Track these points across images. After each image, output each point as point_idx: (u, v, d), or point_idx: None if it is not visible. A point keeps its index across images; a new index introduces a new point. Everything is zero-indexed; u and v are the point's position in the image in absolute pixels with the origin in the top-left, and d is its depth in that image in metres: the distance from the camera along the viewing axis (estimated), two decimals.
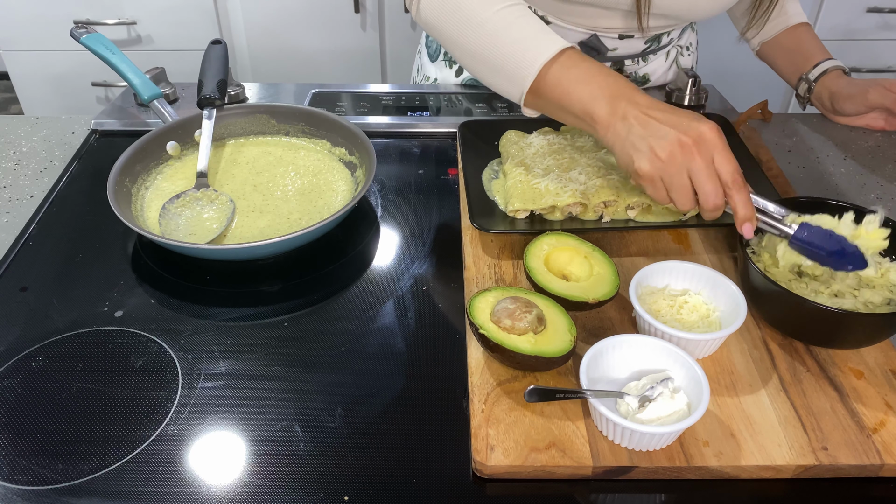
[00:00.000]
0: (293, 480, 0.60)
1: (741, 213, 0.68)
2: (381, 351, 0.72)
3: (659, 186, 0.69)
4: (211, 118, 0.95)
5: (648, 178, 0.69)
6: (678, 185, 0.68)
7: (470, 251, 0.81)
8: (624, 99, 0.70)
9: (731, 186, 0.67)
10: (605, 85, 0.72)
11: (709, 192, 0.67)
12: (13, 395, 0.67)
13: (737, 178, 0.67)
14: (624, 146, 0.70)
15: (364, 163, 0.91)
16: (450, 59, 1.16)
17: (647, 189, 0.70)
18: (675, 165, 0.67)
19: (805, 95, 1.10)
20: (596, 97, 0.72)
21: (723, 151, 0.67)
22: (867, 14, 1.95)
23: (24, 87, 2.11)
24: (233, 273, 0.82)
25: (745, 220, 0.68)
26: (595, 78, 0.73)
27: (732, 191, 0.67)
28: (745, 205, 0.67)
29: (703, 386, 0.60)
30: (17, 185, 0.96)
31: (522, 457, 0.59)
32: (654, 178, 0.68)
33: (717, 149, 0.67)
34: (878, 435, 0.62)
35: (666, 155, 0.67)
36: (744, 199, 0.67)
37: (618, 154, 0.71)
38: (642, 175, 0.69)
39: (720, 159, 0.67)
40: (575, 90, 0.73)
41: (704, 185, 0.67)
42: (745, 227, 0.68)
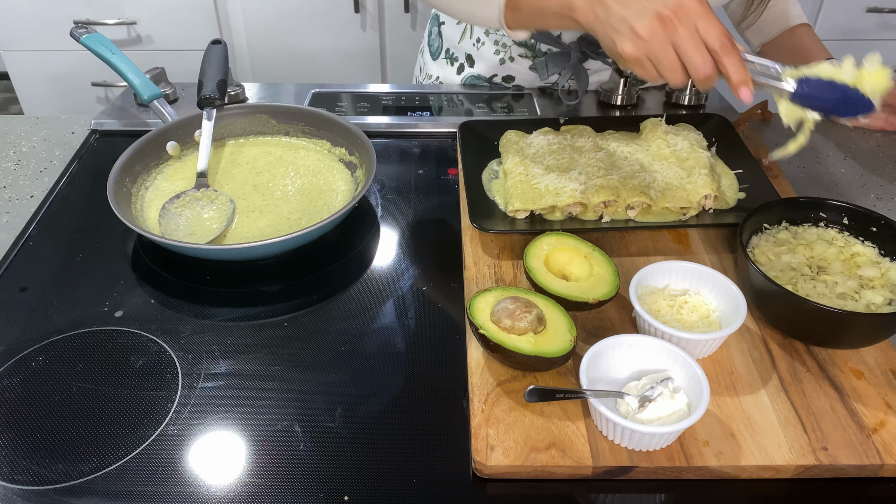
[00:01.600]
0: (293, 480, 0.60)
1: (735, 78, 0.64)
2: (381, 351, 0.72)
3: (647, 66, 0.66)
4: (211, 118, 0.95)
5: (634, 60, 0.66)
6: (666, 62, 0.64)
7: (470, 251, 0.81)
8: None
9: (719, 52, 0.63)
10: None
11: (697, 63, 0.63)
12: (13, 395, 0.67)
13: (725, 43, 0.63)
14: (606, 30, 0.67)
15: (364, 163, 0.91)
16: (451, 57, 1.16)
17: (635, 71, 0.67)
18: (658, 42, 0.64)
19: None
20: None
21: (706, 17, 0.63)
22: (867, 14, 1.95)
23: (24, 87, 2.11)
24: (233, 273, 0.82)
25: (740, 84, 0.64)
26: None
27: (722, 56, 0.63)
28: (738, 68, 0.64)
29: (703, 386, 0.60)
30: (17, 185, 0.96)
31: (522, 457, 0.59)
32: (640, 59, 0.65)
33: (700, 15, 0.63)
34: (878, 435, 0.62)
35: (647, 33, 0.64)
36: (735, 62, 0.63)
37: (601, 39, 0.69)
38: (627, 58, 0.66)
39: (704, 25, 0.63)
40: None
41: (692, 56, 0.63)
42: (742, 92, 0.64)
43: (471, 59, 1.14)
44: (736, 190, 0.87)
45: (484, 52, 1.12)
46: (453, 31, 1.15)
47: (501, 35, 1.09)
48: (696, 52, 0.63)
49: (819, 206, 0.78)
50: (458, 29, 1.14)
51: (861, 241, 0.76)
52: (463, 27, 1.14)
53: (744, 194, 0.87)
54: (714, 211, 0.84)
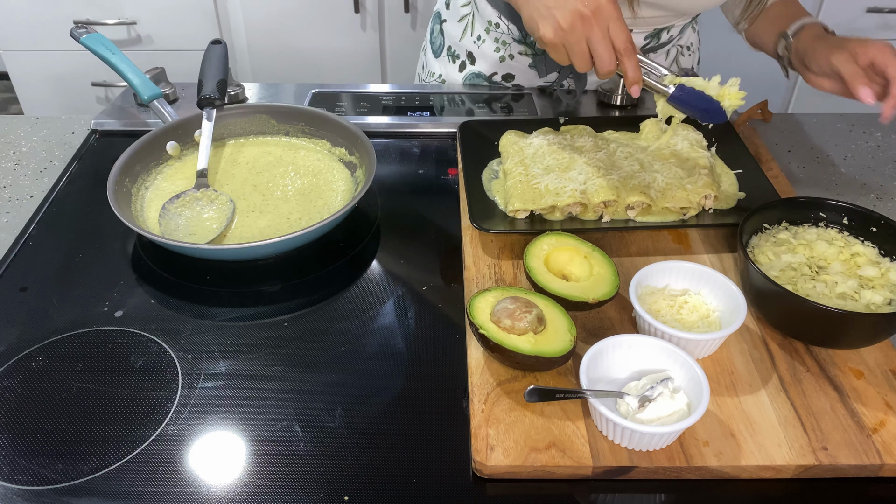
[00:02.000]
0: (293, 480, 0.60)
1: (630, 76, 0.75)
2: (381, 351, 0.72)
3: (560, 51, 0.76)
4: (211, 118, 0.95)
5: (551, 45, 0.75)
6: (577, 52, 0.74)
7: (470, 251, 0.81)
8: None
9: (622, 53, 0.74)
10: None
11: (604, 59, 0.74)
12: (13, 395, 0.67)
13: (628, 47, 0.74)
14: (531, 12, 0.76)
15: (364, 163, 0.91)
16: (453, 55, 1.17)
17: (549, 53, 0.77)
18: (574, 34, 0.73)
19: (784, 54, 1.02)
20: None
21: (617, 21, 0.73)
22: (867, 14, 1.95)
23: (24, 87, 2.11)
24: (233, 273, 0.82)
25: (633, 82, 0.76)
26: None
27: (624, 57, 0.74)
28: (634, 69, 0.75)
29: (703, 386, 0.60)
30: (17, 185, 0.96)
31: (522, 457, 0.59)
32: (556, 45, 0.75)
33: (613, 19, 0.73)
34: (878, 435, 0.62)
35: (567, 25, 0.73)
36: (633, 64, 0.75)
37: (524, 18, 0.77)
38: (546, 41, 0.75)
39: (615, 28, 0.73)
40: None
41: (600, 52, 0.74)
42: (633, 89, 0.76)
43: (471, 57, 1.14)
44: (736, 190, 0.87)
45: (484, 49, 1.12)
46: (455, 28, 1.15)
47: (502, 33, 1.09)
48: (604, 50, 0.74)
49: (819, 206, 0.78)
50: (459, 26, 1.14)
51: (861, 241, 0.76)
52: (464, 25, 1.14)
53: (744, 194, 0.87)
54: (714, 211, 0.84)
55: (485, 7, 1.09)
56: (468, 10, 1.13)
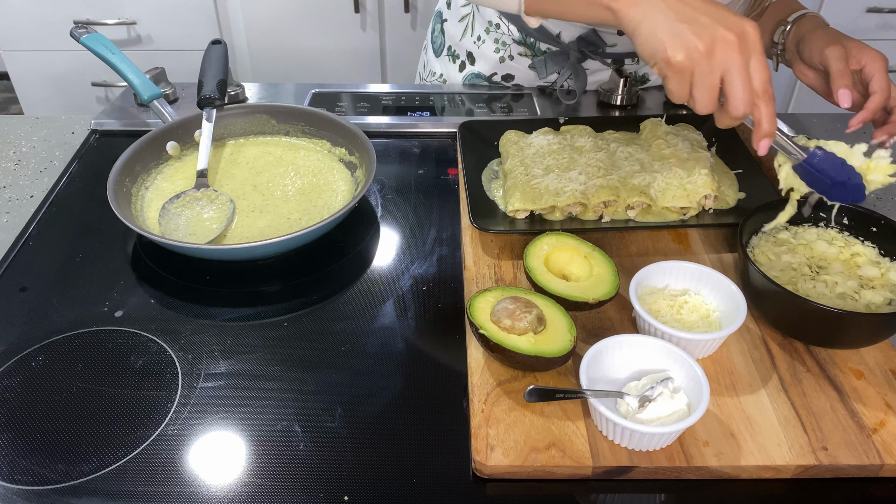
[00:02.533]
0: (293, 480, 0.60)
1: (766, 127, 0.63)
2: (381, 351, 0.72)
3: (686, 81, 0.62)
4: (211, 118, 0.95)
5: (679, 70, 0.62)
6: (707, 84, 0.61)
7: (470, 251, 0.81)
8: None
9: (761, 96, 0.62)
10: None
11: (740, 98, 0.61)
12: (13, 395, 0.67)
13: (768, 89, 0.61)
14: (654, 30, 0.62)
15: (364, 163, 0.91)
16: (453, 54, 1.17)
17: (670, 81, 0.63)
18: (712, 61, 0.60)
19: (780, 40, 0.96)
20: None
21: (761, 56, 0.61)
22: (867, 14, 1.95)
23: (24, 87, 2.11)
24: (233, 273, 0.82)
25: (766, 135, 0.63)
26: None
27: (762, 101, 0.62)
28: (771, 118, 0.63)
29: (703, 386, 0.60)
30: (17, 185, 0.96)
31: (522, 457, 0.59)
32: (685, 71, 0.62)
33: (757, 52, 0.61)
34: (878, 435, 0.62)
35: (705, 47, 0.60)
36: (771, 111, 0.62)
37: (644, 37, 0.63)
38: (674, 65, 0.61)
39: (757, 64, 0.61)
40: None
41: (738, 89, 0.61)
42: (762, 143, 0.64)
43: (471, 57, 1.14)
44: (736, 190, 0.87)
45: (484, 49, 1.12)
46: (455, 28, 1.15)
47: (501, 33, 1.09)
48: (742, 87, 0.61)
49: (819, 206, 0.78)
50: (459, 26, 1.15)
51: (861, 241, 0.76)
52: (464, 25, 1.14)
53: (744, 194, 0.87)
54: (714, 211, 0.84)
55: (485, 7, 1.09)
56: (469, 10, 1.13)
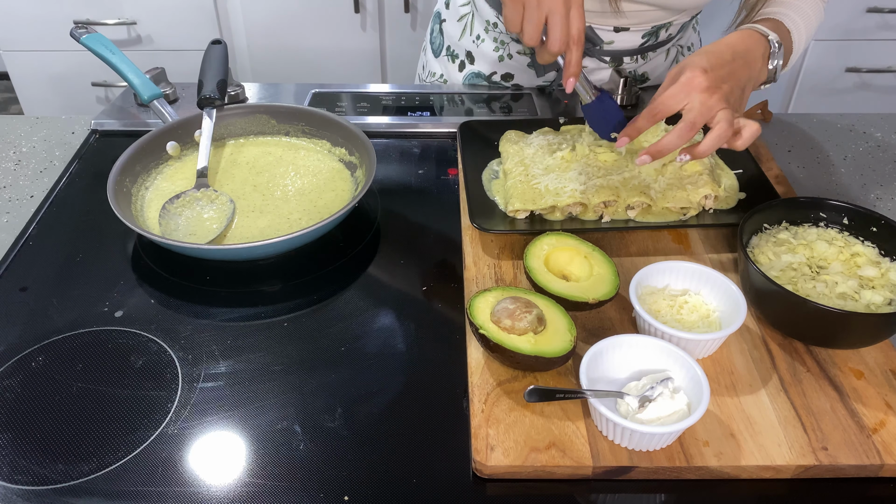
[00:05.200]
0: (293, 480, 0.60)
1: (572, 68, 0.75)
2: (381, 351, 0.72)
3: (519, 12, 0.73)
4: (211, 118, 0.95)
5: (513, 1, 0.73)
6: (534, 19, 0.73)
7: (470, 251, 0.81)
8: None
9: (575, 41, 0.73)
10: None
11: (557, 38, 0.73)
12: (13, 395, 0.67)
13: (582, 37, 0.73)
14: None
15: (364, 163, 0.91)
16: (452, 54, 1.17)
17: (505, 11, 0.74)
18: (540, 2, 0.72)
19: None
20: None
21: (580, 8, 0.73)
22: (867, 14, 1.95)
23: (24, 87, 2.11)
24: (233, 273, 0.82)
25: (571, 74, 0.75)
26: None
27: (574, 45, 0.74)
28: (578, 62, 0.75)
29: (703, 386, 0.60)
30: (17, 185, 0.96)
31: (522, 457, 0.59)
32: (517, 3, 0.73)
33: (578, 5, 0.73)
34: (878, 435, 0.62)
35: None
36: (578, 56, 0.74)
37: None
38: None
39: (576, 13, 0.72)
40: None
41: (556, 30, 0.72)
42: (569, 81, 0.76)
43: (471, 56, 1.14)
44: (736, 190, 0.87)
45: (483, 48, 1.12)
46: (454, 28, 1.15)
47: (500, 32, 1.09)
48: (560, 30, 0.73)
49: (819, 206, 0.78)
50: (458, 26, 1.15)
51: (861, 241, 0.76)
52: (463, 24, 1.14)
53: (744, 194, 0.87)
54: (714, 211, 0.84)
55: (483, 6, 1.09)
56: (467, 10, 1.13)
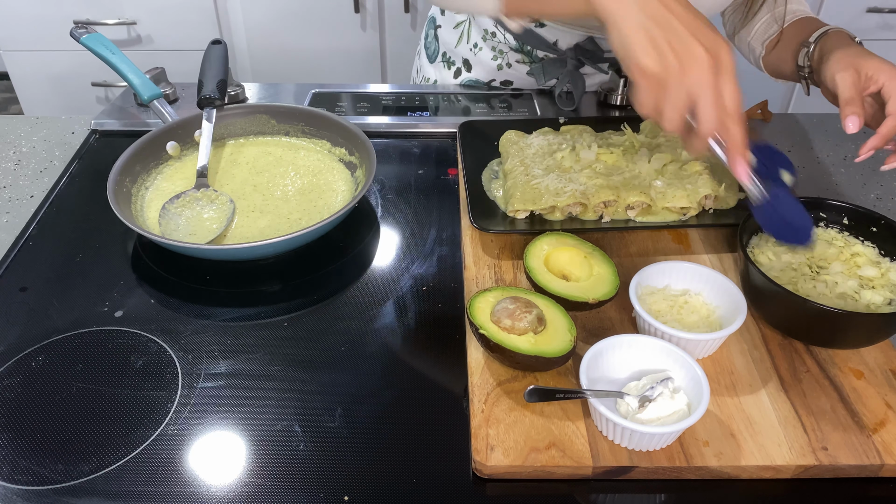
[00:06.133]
0: (293, 480, 0.60)
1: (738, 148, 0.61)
2: (381, 351, 0.72)
3: (655, 93, 0.59)
4: (211, 118, 0.95)
5: (648, 79, 0.59)
6: (675, 101, 0.59)
7: (470, 251, 0.81)
8: None
9: (731, 116, 0.59)
10: None
11: (709, 116, 0.59)
12: (13, 395, 0.67)
13: (739, 110, 0.59)
14: (629, 29, 0.58)
15: (364, 163, 0.91)
16: (448, 60, 1.16)
17: (639, 90, 0.60)
18: (684, 77, 0.58)
19: (805, 63, 0.92)
20: None
21: (733, 78, 0.59)
22: (867, 14, 1.95)
23: (24, 87, 2.11)
24: (233, 273, 0.82)
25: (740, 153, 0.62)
26: None
27: (731, 121, 0.60)
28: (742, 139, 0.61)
29: (703, 386, 0.60)
30: (17, 185, 0.96)
31: (522, 457, 0.59)
32: (653, 81, 0.59)
33: (729, 72, 0.58)
34: (878, 435, 0.62)
35: (679, 62, 0.57)
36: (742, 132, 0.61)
37: (618, 34, 0.60)
38: (644, 72, 0.58)
39: (729, 84, 0.59)
40: None
41: (708, 109, 0.58)
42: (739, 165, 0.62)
43: (468, 64, 1.13)
44: (736, 190, 0.87)
45: (481, 57, 1.11)
46: (450, 35, 1.14)
47: (498, 41, 1.08)
48: (713, 106, 0.59)
49: (819, 206, 0.78)
50: (454, 33, 1.14)
51: (861, 241, 0.76)
52: (460, 32, 1.13)
53: (744, 194, 0.86)
54: (714, 211, 0.84)
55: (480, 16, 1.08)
56: (464, 17, 1.12)
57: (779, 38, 1.00)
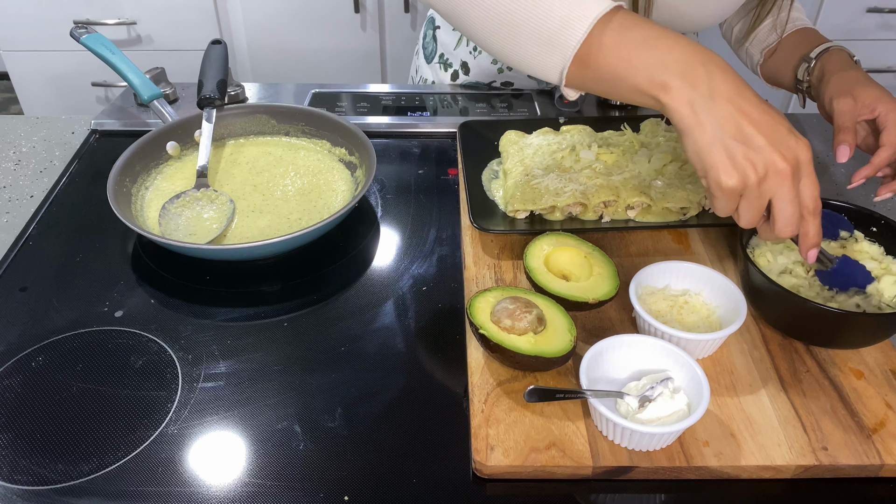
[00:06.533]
0: (293, 480, 0.60)
1: (813, 241, 0.62)
2: (381, 351, 0.72)
3: (734, 202, 0.60)
4: (211, 118, 0.95)
5: (728, 194, 0.59)
6: (755, 207, 0.59)
7: (470, 251, 0.81)
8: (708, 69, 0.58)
9: (811, 212, 0.60)
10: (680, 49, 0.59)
11: (788, 220, 0.59)
12: (13, 395, 0.67)
13: (818, 205, 0.60)
14: (707, 144, 0.58)
15: (364, 163, 0.91)
16: (445, 62, 1.16)
17: (717, 201, 0.60)
18: (763, 188, 0.58)
19: (804, 78, 0.93)
20: (667, 64, 0.59)
21: (812, 175, 0.59)
22: (867, 14, 1.95)
23: (24, 87, 2.11)
24: (233, 273, 0.82)
25: (813, 245, 0.62)
26: (664, 40, 0.59)
27: (812, 217, 0.60)
28: (818, 232, 0.62)
29: (703, 386, 0.60)
30: (17, 185, 0.96)
31: (522, 457, 0.59)
32: (734, 196, 0.59)
33: (808, 172, 0.59)
34: (878, 435, 0.62)
35: (758, 177, 0.57)
36: (818, 226, 0.61)
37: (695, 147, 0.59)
38: (724, 189, 0.58)
39: (808, 183, 0.59)
40: (638, 55, 0.59)
41: (786, 211, 0.59)
42: (810, 253, 0.63)
43: (466, 67, 1.13)
44: None
45: (480, 60, 1.11)
46: (449, 36, 1.14)
47: None
48: (791, 209, 0.59)
49: None
50: (454, 35, 1.13)
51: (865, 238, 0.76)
52: (459, 34, 1.13)
53: None
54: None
55: None
56: None
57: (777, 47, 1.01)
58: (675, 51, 0.59)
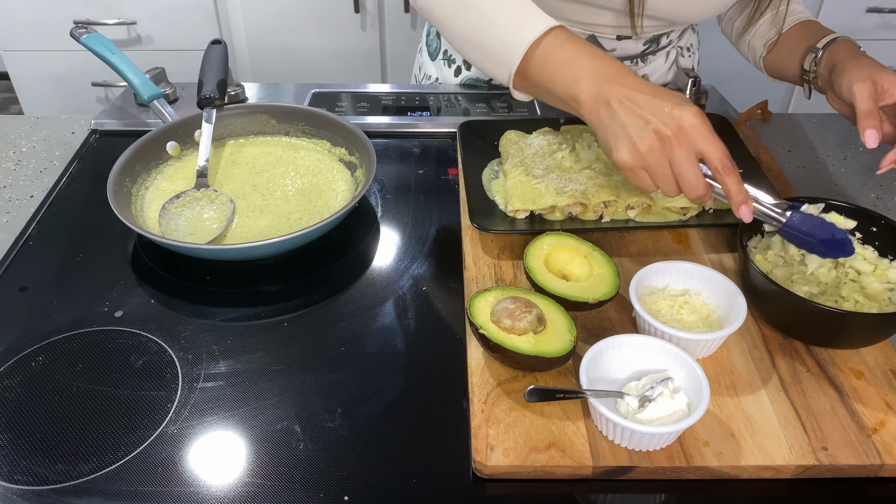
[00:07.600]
0: (293, 480, 0.60)
1: (736, 198, 0.67)
2: (381, 351, 0.72)
3: (642, 176, 0.68)
4: (211, 118, 0.95)
5: (629, 169, 0.68)
6: (661, 175, 0.67)
7: (470, 251, 0.81)
8: (608, 81, 0.69)
9: (721, 171, 0.66)
10: (591, 66, 0.70)
11: (690, 183, 0.66)
12: (13, 395, 0.67)
13: (726, 163, 0.66)
14: (606, 134, 0.69)
15: (364, 163, 0.91)
16: (449, 58, 1.16)
17: (629, 178, 0.70)
18: (654, 157, 0.66)
19: (811, 68, 0.93)
20: (579, 79, 0.70)
21: (707, 138, 0.66)
22: (867, 14, 1.95)
23: (24, 87, 2.11)
24: (233, 273, 0.82)
25: (741, 203, 0.67)
26: (579, 59, 0.71)
27: (723, 175, 0.66)
28: (739, 188, 0.67)
29: (703, 386, 0.60)
30: (17, 185, 0.96)
31: (522, 457, 0.59)
32: (634, 169, 0.68)
33: (701, 136, 0.66)
34: (878, 435, 0.62)
35: (646, 147, 0.66)
36: (735, 181, 0.66)
37: (600, 141, 0.71)
38: (622, 166, 0.69)
39: (706, 147, 0.66)
40: (559, 72, 0.72)
41: (686, 176, 0.66)
42: (742, 210, 0.67)
43: (468, 63, 1.14)
44: None
45: None
46: None
47: None
48: (690, 173, 0.66)
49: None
50: None
51: (861, 242, 0.76)
52: None
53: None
54: (714, 211, 0.84)
55: None
56: None
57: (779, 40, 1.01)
58: (588, 68, 0.70)
